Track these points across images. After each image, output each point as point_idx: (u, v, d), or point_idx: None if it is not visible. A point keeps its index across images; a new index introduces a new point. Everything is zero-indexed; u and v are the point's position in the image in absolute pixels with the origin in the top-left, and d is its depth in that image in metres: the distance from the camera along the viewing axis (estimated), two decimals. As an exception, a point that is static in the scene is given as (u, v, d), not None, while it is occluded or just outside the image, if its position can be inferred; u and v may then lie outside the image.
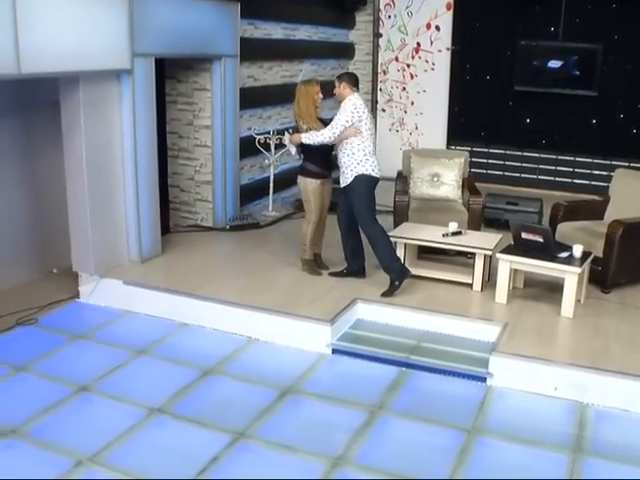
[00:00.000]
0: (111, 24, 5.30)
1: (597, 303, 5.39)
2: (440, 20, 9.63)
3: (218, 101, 6.90)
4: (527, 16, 9.04)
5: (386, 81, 10.18)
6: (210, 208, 7.21)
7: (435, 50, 9.77)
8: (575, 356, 4.47)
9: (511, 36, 9.16)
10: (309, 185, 5.64)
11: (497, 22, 9.23)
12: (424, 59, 9.88)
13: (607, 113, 8.98)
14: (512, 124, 9.56)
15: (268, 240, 6.93)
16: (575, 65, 8.89)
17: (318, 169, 5.61)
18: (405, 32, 9.89)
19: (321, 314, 5.06)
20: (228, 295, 5.35)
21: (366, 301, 5.34)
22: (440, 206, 6.64)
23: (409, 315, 5.21)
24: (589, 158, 9.33)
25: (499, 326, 4.93)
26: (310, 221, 5.75)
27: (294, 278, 5.81)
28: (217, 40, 6.67)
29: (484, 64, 9.50)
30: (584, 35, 8.77)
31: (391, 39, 9.99)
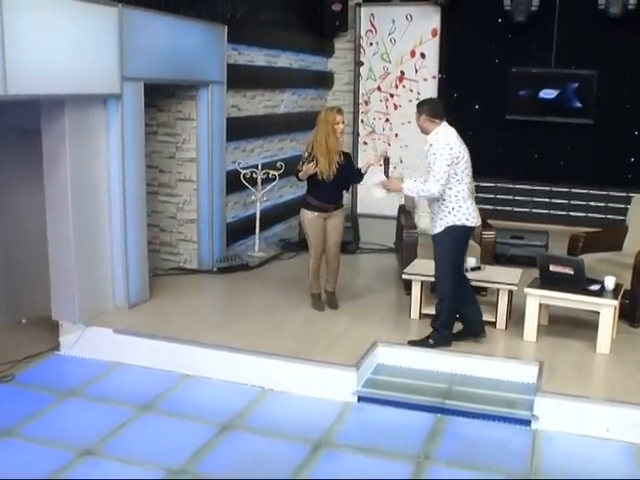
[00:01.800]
0: (100, 45, 5.24)
1: (630, 338, 5.47)
2: (425, 47, 9.88)
3: (204, 132, 6.86)
4: (518, 42, 9.35)
5: (368, 112, 10.32)
6: (195, 249, 7.09)
7: (420, 79, 9.99)
8: (624, 393, 4.50)
9: (501, 63, 9.46)
10: (305, 217, 5.74)
11: (486, 48, 9.52)
12: (408, 88, 10.07)
13: (603, 141, 9.28)
14: (503, 155, 9.78)
15: (262, 282, 6.88)
16: (569, 92, 9.21)
17: (316, 202, 5.68)
18: (388, 60, 10.09)
19: (343, 359, 4.99)
20: (234, 341, 5.25)
21: (387, 344, 5.29)
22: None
23: (435, 357, 5.18)
24: (585, 189, 9.59)
25: (535, 365, 4.94)
26: (310, 256, 5.83)
27: (303, 321, 5.77)
28: (204, 65, 6.67)
29: (473, 93, 9.74)
30: (578, 61, 9.12)
31: (373, 67, 10.18)
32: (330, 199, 5.69)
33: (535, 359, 5.04)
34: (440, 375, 5.07)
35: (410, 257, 6.30)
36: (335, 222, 5.80)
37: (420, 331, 5.61)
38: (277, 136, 8.89)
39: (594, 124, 9.18)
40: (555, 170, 9.62)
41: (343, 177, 5.66)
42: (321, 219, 5.72)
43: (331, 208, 5.70)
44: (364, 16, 10.07)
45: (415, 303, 5.83)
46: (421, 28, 9.83)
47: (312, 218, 5.70)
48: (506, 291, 5.60)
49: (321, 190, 5.65)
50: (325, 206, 5.69)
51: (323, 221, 5.73)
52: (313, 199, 5.70)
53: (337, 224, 5.80)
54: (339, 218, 5.81)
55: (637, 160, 9.23)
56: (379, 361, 5.24)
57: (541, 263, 5.42)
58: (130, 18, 5.47)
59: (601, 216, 9.51)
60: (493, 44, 9.50)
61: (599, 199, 9.55)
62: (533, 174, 9.75)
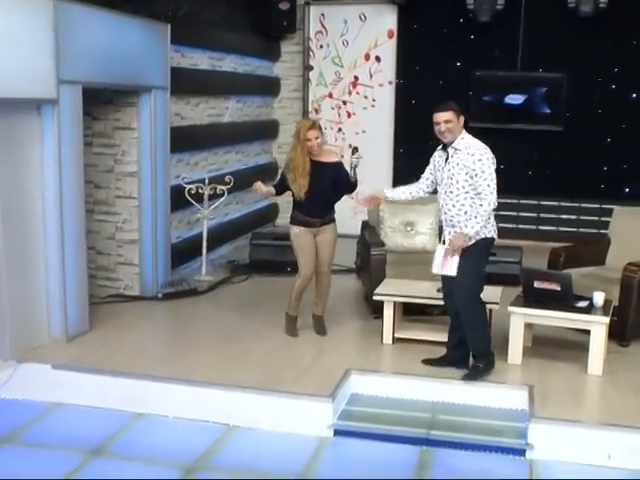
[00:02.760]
0: (33, 43, 5.15)
1: (621, 358, 5.62)
2: (381, 50, 10.05)
3: (147, 143, 6.80)
4: (481, 43, 9.62)
5: (318, 121, 10.34)
6: (136, 273, 7.00)
7: (376, 84, 10.15)
8: (624, 417, 4.61)
9: (464, 66, 9.71)
10: (291, 232, 5.78)
11: (447, 51, 9.76)
12: (363, 95, 10.22)
13: (574, 150, 9.58)
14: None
15: (215, 308, 6.85)
16: (537, 97, 9.51)
17: (301, 216, 5.70)
18: (340, 64, 10.23)
19: (315, 389, 4.98)
20: (192, 374, 5.19)
21: (361, 372, 5.31)
22: (419, 259, 6.76)
23: (414, 385, 5.21)
24: (555, 201, 9.87)
25: (524, 390, 5.02)
26: (299, 274, 5.83)
27: (266, 350, 5.76)
28: (146, 68, 6.63)
29: (433, 99, 9.75)
30: (546, 63, 9.45)
31: (324, 72, 10.29)
32: (316, 213, 5.69)
33: (523, 383, 5.12)
34: (421, 404, 5.10)
35: (379, 277, 6.35)
36: (325, 238, 5.79)
37: (395, 356, 5.69)
38: (222, 148, 8.88)
39: (564, 131, 9.47)
40: (523, 181, 9.86)
41: (328, 189, 5.64)
42: (310, 234, 5.71)
43: (318, 223, 5.70)
44: (313, 16, 10.19)
45: (388, 326, 5.87)
46: (376, 29, 10.01)
47: (299, 233, 5.72)
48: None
49: (305, 203, 5.66)
50: (310, 220, 5.69)
51: (312, 237, 5.72)
52: (298, 213, 5.74)
53: (328, 240, 5.80)
54: (330, 234, 5.79)
55: (610, 169, 9.56)
56: (353, 391, 5.24)
57: (525, 279, 5.54)
58: (66, 13, 5.40)
59: (573, 229, 9.80)
60: (455, 46, 9.74)
61: (570, 211, 9.84)
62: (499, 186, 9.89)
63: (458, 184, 4.99)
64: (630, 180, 9.50)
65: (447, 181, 5.06)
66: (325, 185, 5.62)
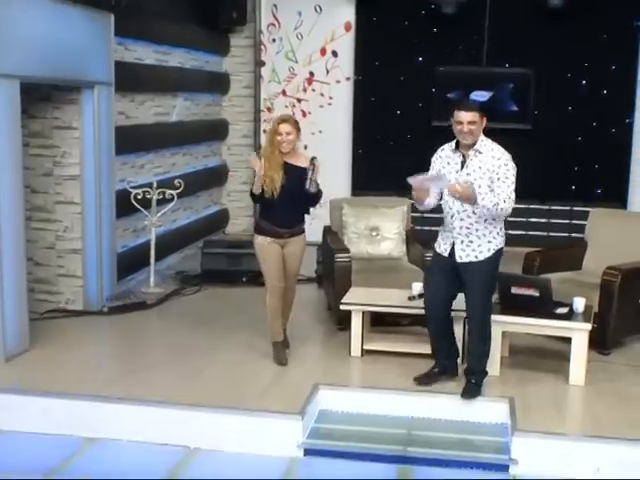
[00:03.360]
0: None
1: (603, 367, 5.74)
2: (338, 44, 10.12)
3: (90, 143, 6.73)
4: (445, 37, 9.77)
5: (271, 120, 10.36)
6: (79, 286, 6.92)
7: (332, 81, 10.21)
8: (612, 429, 4.71)
9: (426, 61, 9.84)
10: (256, 243, 5.70)
11: (409, 45, 9.87)
12: (319, 92, 10.27)
13: (543, 149, 9.76)
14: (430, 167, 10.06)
15: (166, 323, 6.81)
16: (504, 94, 9.67)
17: (266, 225, 5.63)
18: (294, 59, 10.26)
19: (282, 406, 4.97)
20: (147, 394, 5.13)
21: (330, 387, 5.32)
22: (386, 265, 6.85)
23: (387, 399, 5.25)
24: (524, 204, 9.96)
25: (505, 402, 5.09)
26: (267, 290, 5.72)
27: (226, 365, 5.75)
28: (89, 62, 6.57)
29: (394, 96, 10.04)
30: (513, 58, 9.63)
31: (277, 68, 10.31)
32: (283, 222, 5.59)
33: (503, 395, 5.19)
34: (396, 419, 5.13)
35: (344, 285, 6.37)
36: (294, 251, 5.71)
37: (365, 370, 5.74)
38: (169, 149, 8.82)
39: (532, 130, 9.65)
40: (489, 183, 9.99)
41: (298, 195, 5.52)
42: (276, 246, 5.61)
43: (286, 234, 5.61)
44: (265, 7, 10.22)
45: (356, 338, 5.90)
46: (332, 22, 10.08)
47: (264, 244, 5.62)
48: (460, 319, 5.74)
49: (272, 211, 5.59)
50: (277, 230, 5.59)
51: (279, 248, 5.63)
52: (264, 221, 5.66)
53: (295, 252, 5.72)
54: (299, 246, 5.72)
55: (582, 169, 9.77)
56: (322, 407, 5.25)
57: (502, 285, 5.62)
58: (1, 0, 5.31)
59: (543, 234, 9.99)
60: (416, 40, 9.86)
61: (540, 214, 10.02)
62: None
63: (480, 189, 4.89)
64: (602, 181, 9.72)
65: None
66: (296, 190, 5.49)
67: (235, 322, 6.77)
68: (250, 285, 7.90)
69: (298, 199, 5.54)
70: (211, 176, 10.16)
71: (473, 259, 5.04)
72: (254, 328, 6.50)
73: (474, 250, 5.04)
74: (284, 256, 5.68)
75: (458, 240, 5.06)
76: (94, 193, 6.80)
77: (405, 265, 6.89)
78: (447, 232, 5.14)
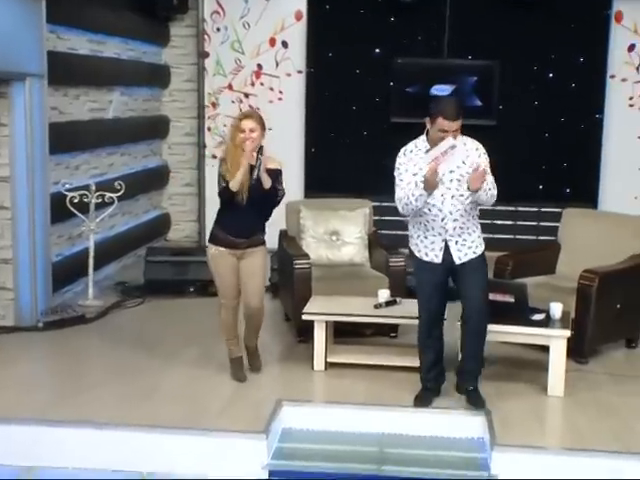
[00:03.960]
0: None
1: (581, 376, 5.88)
2: (288, 34, 10.17)
3: (21, 142, 6.70)
4: (403, 27, 9.88)
5: (216, 117, 10.42)
6: (10, 299, 6.88)
7: (283, 74, 10.26)
8: (594, 441, 4.83)
9: (384, 53, 9.94)
10: (208, 253, 5.64)
11: (365, 35, 9.94)
12: (268, 86, 10.30)
13: (509, 146, 9.87)
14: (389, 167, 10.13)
15: (110, 338, 6.77)
16: (467, 87, 9.82)
17: (221, 234, 5.55)
18: (241, 50, 10.27)
19: (244, 425, 4.99)
20: (94, 415, 5.09)
21: (294, 403, 5.36)
22: (348, 272, 6.91)
23: (356, 415, 5.31)
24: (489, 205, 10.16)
25: (482, 416, 5.18)
26: (220, 305, 5.69)
27: (180, 383, 5.75)
28: (19, 51, 6.51)
29: (349, 90, 10.11)
30: (476, 50, 9.79)
31: (222, 60, 10.31)
32: (241, 231, 5.51)
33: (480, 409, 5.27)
34: (366, 437, 5.18)
35: (304, 294, 6.42)
36: (251, 264, 5.60)
37: (330, 384, 5.79)
38: (106, 148, 8.76)
39: (497, 125, 9.81)
40: (453, 183, 10.13)
41: (261, 201, 5.47)
42: (231, 257, 5.54)
43: (242, 244, 5.52)
44: (208, -7, 10.19)
45: (319, 350, 5.95)
46: (282, 10, 10.13)
47: (216, 255, 5.56)
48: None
49: (230, 218, 5.52)
50: (233, 240, 5.52)
51: (235, 261, 5.56)
52: (219, 229, 5.56)
53: (254, 267, 5.61)
54: (258, 259, 5.61)
55: (549, 168, 9.97)
56: (285, 425, 5.27)
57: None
58: None
59: (509, 237, 10.14)
60: (373, 30, 9.93)
61: (506, 216, 10.18)
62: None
63: (467, 184, 5.01)
64: (571, 180, 9.93)
65: (454, 184, 5.05)
66: (259, 195, 5.43)
67: (184, 336, 6.78)
68: (198, 295, 7.92)
69: (261, 205, 5.48)
70: (151, 178, 10.12)
71: (472, 256, 5.19)
72: (206, 342, 6.54)
73: (470, 247, 5.18)
74: (240, 270, 5.60)
75: (452, 241, 5.13)
76: (26, 196, 6.75)
77: (368, 271, 6.96)
78: (433, 237, 5.16)
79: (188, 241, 10.59)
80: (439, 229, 5.13)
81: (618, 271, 6.30)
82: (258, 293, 5.67)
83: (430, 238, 5.18)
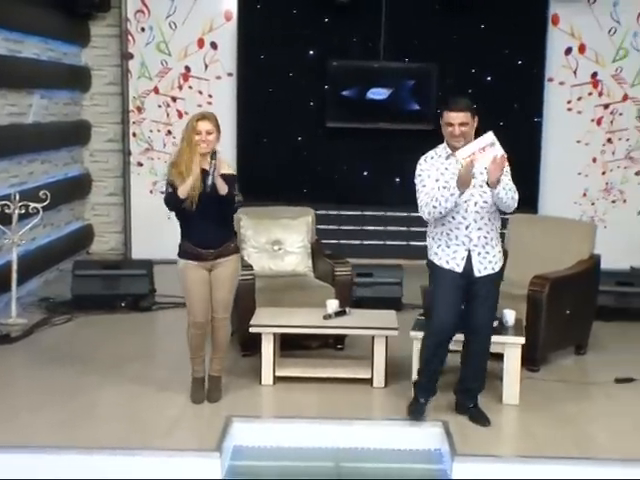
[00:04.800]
0: None
1: (534, 384, 6.09)
2: (217, 35, 10.25)
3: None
4: (338, 29, 10.07)
5: (142, 122, 10.43)
6: None
7: (212, 77, 10.34)
8: (553, 448, 5.05)
9: (318, 55, 10.12)
10: (178, 268, 5.60)
11: (298, 36, 10.12)
12: (197, 89, 10.36)
13: (448, 152, 10.19)
14: (324, 173, 10.35)
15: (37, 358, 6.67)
16: (404, 91, 10.06)
17: (188, 246, 5.54)
18: (167, 52, 10.31)
19: (194, 444, 5.07)
20: (31, 439, 5.06)
21: (245, 419, 5.44)
22: (291, 282, 7.03)
23: (308, 430, 5.40)
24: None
25: (439, 427, 5.34)
26: (188, 322, 5.65)
27: (118, 401, 5.80)
28: None
29: (282, 94, 10.24)
30: (413, 52, 10.06)
31: (147, 62, 10.33)
32: (208, 241, 5.50)
33: (436, 419, 5.44)
34: (321, 451, 5.28)
35: (247, 306, 6.48)
36: (221, 274, 5.58)
37: (280, 398, 5.90)
38: (26, 156, 8.70)
39: (436, 130, 9.98)
40: (390, 190, 10.35)
41: (219, 208, 5.47)
42: (202, 270, 5.53)
43: (211, 255, 5.50)
44: (132, -9, 10.19)
45: (267, 364, 6.03)
46: (211, 10, 10.21)
47: (186, 268, 5.54)
48: (383, 339, 5.99)
49: (193, 228, 5.50)
50: (200, 252, 5.51)
51: (205, 273, 5.55)
52: (186, 242, 5.56)
53: (224, 277, 5.59)
54: (229, 269, 5.59)
55: (491, 173, 10.22)
56: (237, 442, 5.33)
57: (426, 297, 5.90)
58: None
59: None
60: (307, 31, 10.12)
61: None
62: (363, 196, 10.40)
63: (489, 187, 5.09)
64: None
65: (478, 190, 5.12)
66: (211, 203, 5.39)
67: (119, 353, 6.78)
68: (130, 310, 7.98)
69: (221, 211, 5.48)
70: (73, 187, 10.06)
71: (490, 271, 5.24)
72: (143, 359, 6.63)
73: (490, 262, 5.23)
74: (211, 282, 5.58)
75: (475, 252, 5.19)
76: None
77: (312, 281, 7.08)
78: (457, 246, 5.20)
79: (113, 254, 10.54)
80: (463, 238, 5.17)
81: (567, 277, 6.57)
82: (224, 304, 5.64)
83: (453, 247, 5.21)
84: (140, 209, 10.38)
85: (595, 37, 10.28)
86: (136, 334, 7.44)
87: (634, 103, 10.40)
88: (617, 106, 10.36)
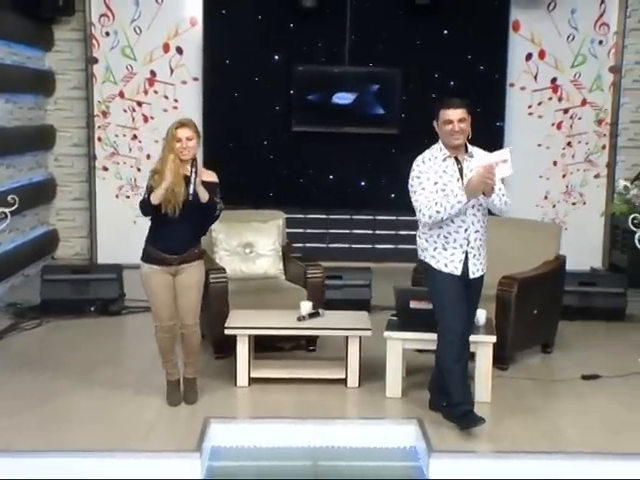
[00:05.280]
0: None
1: (505, 382, 6.23)
2: (183, 39, 10.31)
3: None
4: (303, 34, 10.17)
5: (107, 127, 10.44)
6: None
7: (178, 81, 10.39)
8: (529, 443, 5.20)
9: (284, 60, 10.21)
10: (141, 273, 5.63)
11: (263, 42, 10.19)
12: (162, 94, 10.40)
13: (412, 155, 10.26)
14: (291, 177, 10.45)
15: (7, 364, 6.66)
16: (369, 96, 10.19)
17: (153, 250, 5.56)
18: (132, 56, 10.34)
19: (175, 445, 5.12)
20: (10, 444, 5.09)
21: (223, 420, 5.52)
22: (263, 285, 7.11)
23: (285, 430, 5.49)
24: (393, 215, 10.56)
25: (413, 424, 5.46)
26: (155, 327, 5.70)
27: (94, 406, 5.80)
28: None
29: (249, 98, 10.31)
30: (377, 57, 10.19)
31: (112, 66, 10.34)
32: (172, 246, 5.53)
33: (410, 417, 5.57)
34: (298, 451, 5.38)
35: (220, 309, 6.56)
36: (185, 280, 5.61)
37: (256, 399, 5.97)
38: (-11, 161, 8.70)
39: (400, 134, 10.21)
40: (356, 194, 10.50)
41: (196, 216, 5.52)
42: (166, 275, 5.56)
43: (174, 261, 5.54)
44: (96, -5, 10.19)
45: (242, 366, 6.10)
46: (176, 14, 10.26)
47: (149, 273, 5.57)
48: (357, 339, 6.10)
49: (162, 233, 5.55)
50: (165, 257, 5.54)
51: (169, 278, 5.58)
52: (150, 246, 5.58)
53: (188, 283, 5.62)
54: (193, 275, 5.64)
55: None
56: (215, 443, 5.40)
57: (400, 299, 6.03)
58: None
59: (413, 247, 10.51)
60: (272, 36, 10.20)
61: (410, 226, 10.53)
62: (329, 200, 10.51)
63: (484, 196, 5.16)
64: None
65: None
66: (193, 210, 5.46)
67: (90, 358, 6.80)
68: (100, 315, 8.03)
69: (196, 220, 5.56)
70: (38, 192, 10.04)
71: (481, 273, 5.38)
72: (115, 363, 6.71)
73: (482, 263, 5.36)
74: (175, 287, 5.63)
75: (472, 254, 5.27)
76: None
77: (284, 284, 7.17)
78: (454, 248, 5.26)
79: (78, 259, 10.53)
80: (461, 240, 5.24)
81: (535, 277, 6.72)
82: (191, 310, 5.68)
83: (450, 250, 5.26)
84: (106, 214, 10.40)
85: (554, 43, 10.53)
86: (106, 338, 7.47)
87: (592, 108, 10.64)
88: (576, 110, 10.61)
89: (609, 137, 10.72)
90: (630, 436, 5.36)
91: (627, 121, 10.75)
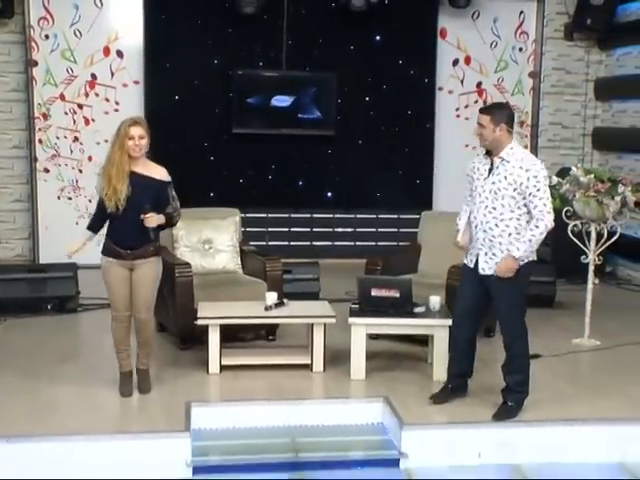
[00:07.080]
0: None
1: (455, 363, 6.75)
2: (123, 43, 10.58)
3: None
4: (241, 39, 10.56)
5: (48, 129, 10.60)
6: None
7: (118, 84, 10.64)
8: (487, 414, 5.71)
9: (223, 64, 10.58)
10: (101, 263, 5.88)
11: (203, 46, 10.55)
12: (103, 97, 10.65)
13: (347, 156, 10.86)
14: (231, 178, 10.81)
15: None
16: (306, 98, 10.64)
17: (109, 244, 5.81)
18: (73, 59, 10.53)
19: (165, 425, 5.50)
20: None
21: (204, 404, 5.90)
22: (224, 279, 7.47)
23: (260, 411, 5.93)
24: (329, 213, 11.06)
25: (380, 402, 5.94)
26: (111, 316, 5.98)
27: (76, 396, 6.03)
28: None
29: (189, 101, 10.64)
30: (314, 62, 10.69)
31: (52, 69, 10.51)
32: (126, 241, 5.73)
33: (376, 396, 6.04)
34: (275, 430, 5.79)
35: (186, 302, 6.91)
36: (140, 276, 5.82)
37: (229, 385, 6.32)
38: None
39: (335, 136, 10.71)
40: (294, 193, 10.96)
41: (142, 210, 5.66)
42: (122, 269, 5.78)
43: (128, 256, 5.74)
44: (34, -2, 10.33)
45: (214, 354, 6.46)
46: (116, 17, 10.52)
47: (106, 266, 5.80)
48: (322, 326, 6.53)
49: (115, 228, 5.76)
50: (119, 252, 5.74)
51: (126, 272, 5.80)
52: (108, 240, 5.81)
53: (144, 278, 5.83)
54: (148, 270, 5.83)
55: (384, 176, 10.98)
56: (196, 426, 5.70)
57: (361, 287, 6.50)
58: None
59: (349, 244, 11.08)
60: (211, 40, 10.58)
61: (346, 224, 11.11)
62: (268, 199, 10.91)
63: (504, 200, 5.42)
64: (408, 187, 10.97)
65: (490, 195, 5.48)
66: (142, 206, 5.64)
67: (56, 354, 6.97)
68: (57, 313, 8.23)
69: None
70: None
71: (491, 272, 5.53)
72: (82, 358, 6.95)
73: (497, 263, 5.50)
74: (132, 282, 5.85)
75: (482, 252, 5.57)
76: None
77: (243, 278, 7.55)
78: (473, 242, 5.65)
79: (20, 260, 10.65)
80: (475, 236, 5.65)
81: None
82: (145, 305, 5.89)
83: (472, 243, 5.70)
84: (47, 215, 10.55)
85: (479, 50, 11.25)
86: (68, 335, 7.70)
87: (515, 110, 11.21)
88: (500, 113, 11.25)
89: (530, 138, 11.49)
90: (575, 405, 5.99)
91: (546, 123, 11.50)
